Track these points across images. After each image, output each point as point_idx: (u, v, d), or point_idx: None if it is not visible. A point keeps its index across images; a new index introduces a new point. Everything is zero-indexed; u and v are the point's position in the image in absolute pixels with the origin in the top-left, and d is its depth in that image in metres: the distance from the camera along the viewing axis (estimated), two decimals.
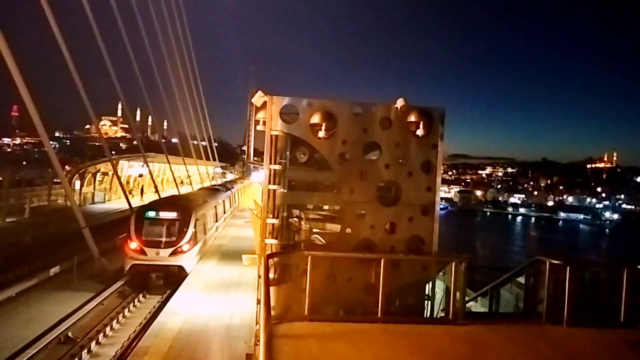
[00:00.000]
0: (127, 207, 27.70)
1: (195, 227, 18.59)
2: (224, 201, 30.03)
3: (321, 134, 6.41)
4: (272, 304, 5.88)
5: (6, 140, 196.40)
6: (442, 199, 7.18)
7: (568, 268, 6.34)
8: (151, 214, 18.36)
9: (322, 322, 5.77)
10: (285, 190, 6.85)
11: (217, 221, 25.40)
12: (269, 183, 6.64)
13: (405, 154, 6.66)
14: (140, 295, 16.97)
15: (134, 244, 17.44)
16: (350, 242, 6.53)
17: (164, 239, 17.69)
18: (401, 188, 6.65)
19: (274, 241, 6.70)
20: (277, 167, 6.65)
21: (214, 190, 32.07)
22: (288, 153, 6.88)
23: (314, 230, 7.80)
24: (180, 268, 17.45)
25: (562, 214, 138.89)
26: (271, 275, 6.01)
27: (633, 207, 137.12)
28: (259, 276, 6.90)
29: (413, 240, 6.71)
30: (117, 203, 35.91)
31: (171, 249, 17.54)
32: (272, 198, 6.67)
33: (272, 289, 5.90)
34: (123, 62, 33.62)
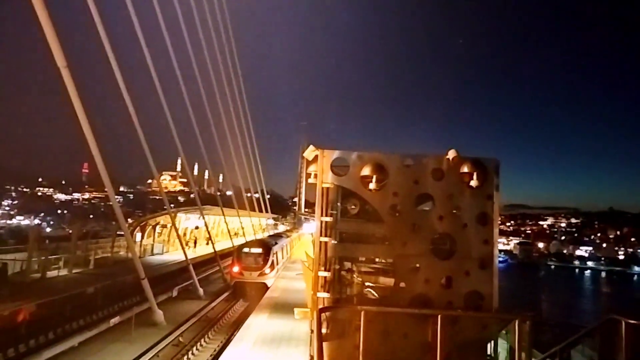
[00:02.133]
0: (184, 258, 28.61)
1: (273, 258, 27.88)
2: (287, 244, 40.41)
3: (372, 185, 6.42)
4: None
5: (76, 195, 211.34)
6: (500, 251, 6.89)
7: None
8: (246, 249, 28.49)
9: None
10: (336, 242, 6.83)
11: (282, 258, 34.31)
12: (320, 235, 6.65)
13: (459, 205, 6.51)
14: (194, 348, 17.09)
15: (236, 268, 27.51)
16: (405, 297, 6.33)
17: (254, 265, 27.12)
18: (456, 241, 6.45)
19: (326, 294, 6.61)
20: (328, 219, 6.67)
21: (280, 236, 43.40)
22: (339, 205, 6.92)
23: (367, 283, 7.64)
24: (264, 284, 25.99)
25: (637, 268, 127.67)
26: (323, 330, 5.89)
27: None
28: (312, 331, 6.78)
29: (471, 296, 6.39)
30: (174, 254, 37.03)
31: (258, 272, 26.92)
32: (324, 250, 6.65)
33: (325, 344, 5.77)
34: (183, 120, 35.86)
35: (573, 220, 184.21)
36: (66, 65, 16.61)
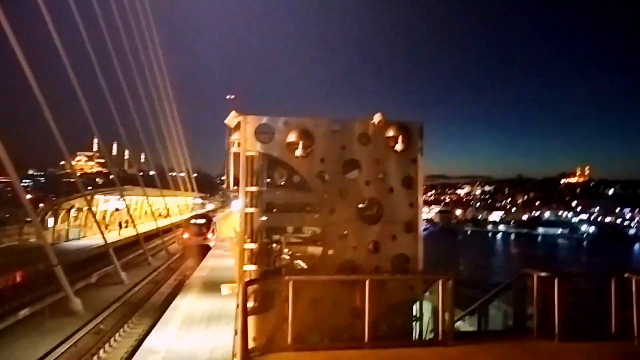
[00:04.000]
0: (103, 242, 26.97)
1: (214, 226, 38.04)
2: (220, 218, 50.31)
3: (298, 152, 6.21)
4: (253, 334, 5.54)
5: None
6: (423, 219, 7.02)
7: (556, 280, 6.20)
8: (193, 221, 38.42)
9: (307, 352, 5.45)
10: (262, 213, 6.58)
11: (219, 226, 43.06)
12: (246, 206, 6.36)
13: (385, 170, 6.50)
14: (117, 335, 16.21)
15: (186, 235, 36.81)
16: (333, 265, 6.27)
17: (199, 232, 36.37)
18: (383, 205, 6.46)
19: (252, 267, 6.38)
20: (254, 189, 6.39)
21: (215, 212, 58.09)
22: (265, 175, 6.65)
23: (296, 254, 7.51)
24: (208, 246, 34.45)
25: (541, 229, 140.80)
26: (250, 304, 5.68)
27: (609, 219, 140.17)
28: (237, 305, 6.55)
29: (398, 259, 6.48)
30: (93, 239, 34.77)
31: (203, 237, 36.08)
32: (250, 222, 6.38)
33: (252, 318, 5.58)
34: (97, 96, 33.22)
35: (487, 188, 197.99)
36: None
